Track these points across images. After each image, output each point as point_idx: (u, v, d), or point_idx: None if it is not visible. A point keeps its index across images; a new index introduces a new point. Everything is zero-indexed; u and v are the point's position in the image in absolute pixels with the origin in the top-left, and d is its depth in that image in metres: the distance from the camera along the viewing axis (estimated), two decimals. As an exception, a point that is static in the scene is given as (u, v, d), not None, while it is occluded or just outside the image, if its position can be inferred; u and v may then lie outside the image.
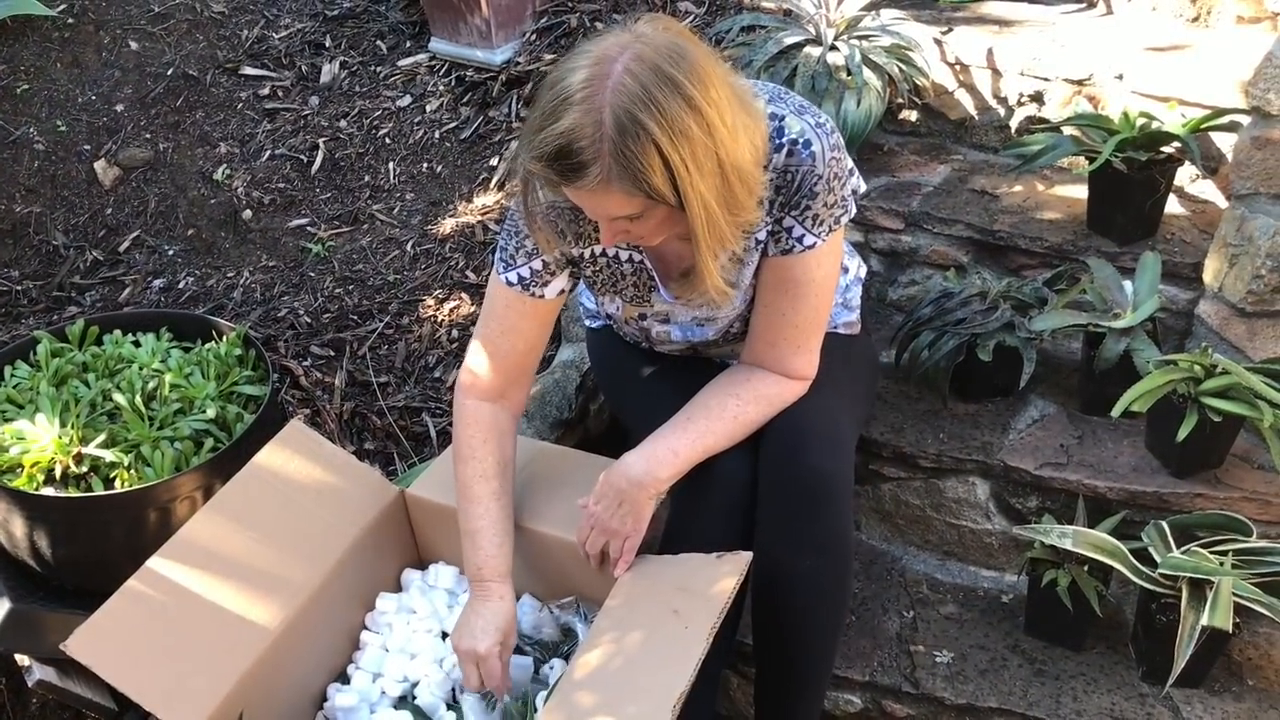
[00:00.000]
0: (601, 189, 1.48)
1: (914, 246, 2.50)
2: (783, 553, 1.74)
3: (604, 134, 1.43)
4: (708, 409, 1.74)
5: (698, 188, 1.48)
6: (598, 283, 1.86)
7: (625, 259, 1.79)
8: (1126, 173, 2.25)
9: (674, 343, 1.94)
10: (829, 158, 1.65)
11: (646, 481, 1.70)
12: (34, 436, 2.01)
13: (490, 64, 3.09)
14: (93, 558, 2.01)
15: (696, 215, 1.50)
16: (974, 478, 2.18)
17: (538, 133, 1.47)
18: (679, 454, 1.72)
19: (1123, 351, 2.10)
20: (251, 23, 3.43)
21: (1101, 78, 2.52)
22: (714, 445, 1.74)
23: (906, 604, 2.18)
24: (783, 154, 1.65)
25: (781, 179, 1.66)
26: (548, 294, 1.80)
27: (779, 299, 1.74)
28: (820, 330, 1.78)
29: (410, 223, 2.89)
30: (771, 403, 1.76)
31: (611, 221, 1.56)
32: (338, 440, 2.42)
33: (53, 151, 3.16)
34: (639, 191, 1.47)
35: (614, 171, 1.45)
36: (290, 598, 1.74)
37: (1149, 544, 1.95)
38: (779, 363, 1.77)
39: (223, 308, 2.78)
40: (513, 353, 1.83)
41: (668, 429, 1.74)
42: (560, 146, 1.45)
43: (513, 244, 1.78)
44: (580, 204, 1.56)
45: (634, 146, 1.43)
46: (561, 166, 1.47)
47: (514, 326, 1.82)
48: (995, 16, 2.81)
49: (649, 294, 1.84)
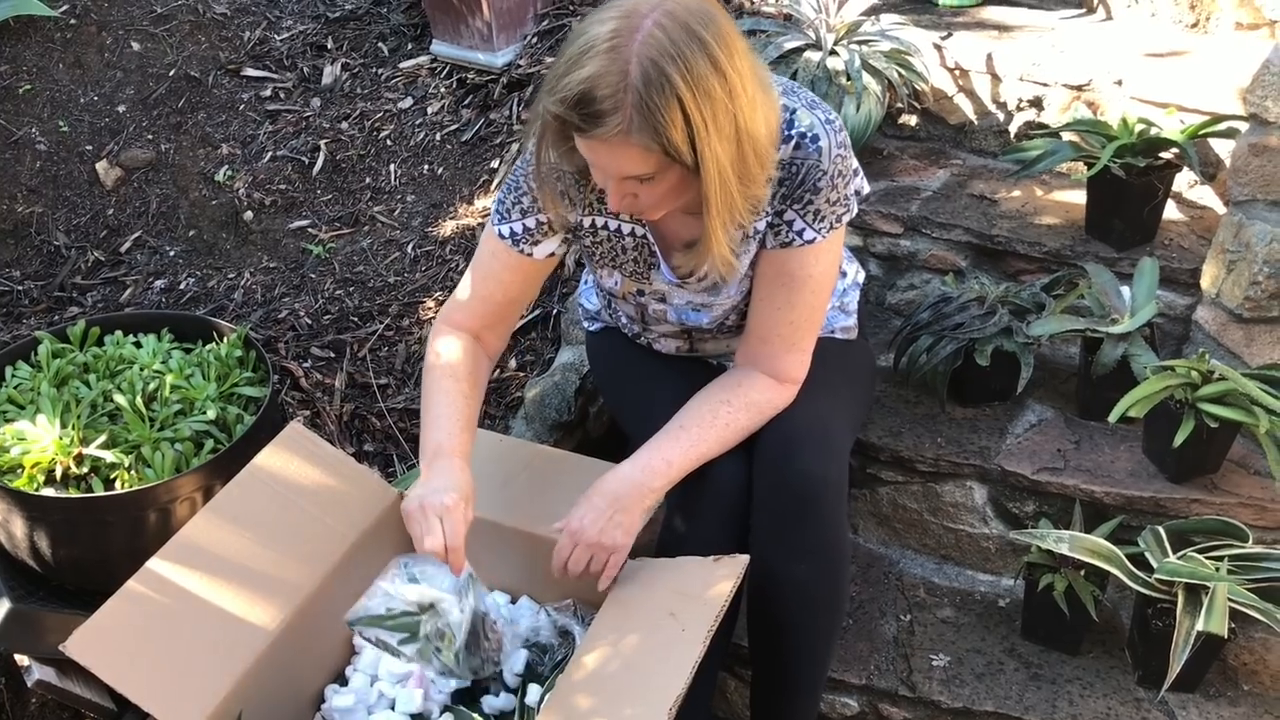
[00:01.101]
0: (619, 141, 1.48)
1: (913, 251, 2.51)
2: (776, 558, 1.75)
3: (629, 83, 1.44)
4: (700, 417, 1.74)
5: (715, 149, 1.48)
6: (597, 254, 1.85)
7: (628, 232, 1.80)
8: (1125, 178, 2.26)
9: (669, 324, 1.93)
10: (835, 154, 1.66)
11: (641, 492, 1.70)
12: (35, 437, 2.01)
13: (491, 66, 3.10)
14: (93, 558, 2.02)
15: (711, 178, 1.51)
16: (971, 482, 2.19)
17: (562, 77, 1.48)
18: (672, 464, 1.72)
19: (1120, 357, 2.10)
20: (253, 24, 3.44)
21: (1100, 83, 2.53)
22: (706, 454, 1.74)
23: (904, 607, 2.19)
24: (790, 146, 1.65)
25: (786, 171, 1.67)
26: (536, 253, 1.81)
27: (775, 292, 1.75)
28: (815, 330, 1.79)
29: (411, 224, 2.90)
30: (762, 410, 1.77)
31: (621, 183, 1.56)
32: (337, 442, 2.43)
33: (55, 152, 3.17)
34: (656, 146, 1.47)
35: (635, 123, 1.45)
36: (289, 599, 1.74)
37: (1145, 549, 1.96)
38: (772, 361, 1.77)
39: (223, 309, 2.79)
40: (491, 299, 1.85)
41: (661, 438, 1.74)
42: (583, 92, 1.45)
43: (510, 198, 1.79)
44: (593, 159, 1.55)
45: (658, 99, 1.44)
46: (583, 113, 1.46)
47: (496, 276, 1.84)
48: (995, 22, 2.82)
49: (649, 270, 1.84)
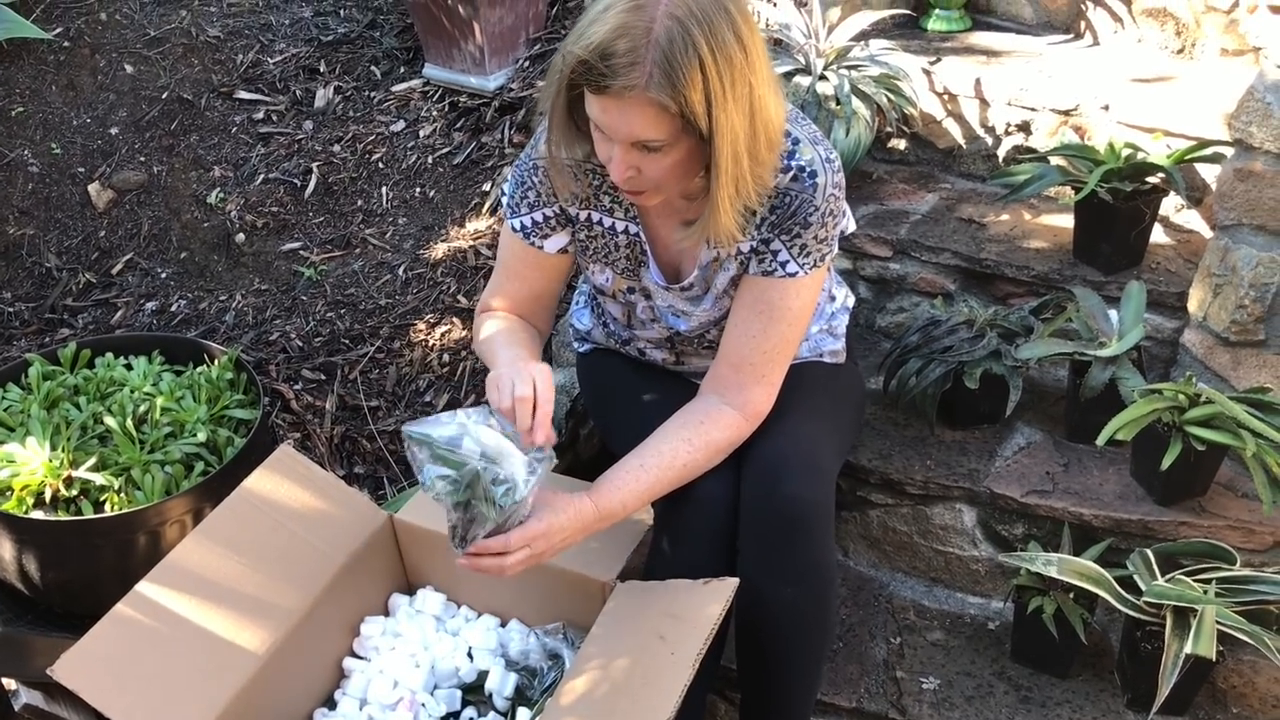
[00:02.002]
0: (636, 98, 1.48)
1: (902, 274, 2.52)
2: (763, 581, 1.74)
3: (653, 40, 1.45)
4: (660, 456, 1.72)
5: (731, 117, 1.50)
6: (591, 249, 1.87)
7: (621, 229, 1.81)
8: (1112, 203, 2.27)
9: (655, 330, 1.94)
10: (830, 193, 1.68)
11: (592, 529, 1.68)
12: (24, 459, 2.01)
13: (484, 90, 3.12)
14: (81, 581, 2.01)
15: (724, 145, 1.52)
16: (961, 504, 2.19)
17: (586, 28, 1.49)
18: (627, 506, 1.70)
19: (1108, 380, 2.11)
20: (246, 47, 3.45)
21: (1088, 108, 2.55)
22: (660, 494, 1.73)
23: (893, 630, 2.19)
24: (788, 176, 1.67)
25: (780, 200, 1.68)
26: (547, 247, 1.84)
27: (752, 319, 1.75)
28: (785, 364, 1.79)
29: (402, 247, 2.91)
30: (721, 450, 1.76)
31: (627, 151, 1.56)
32: (327, 464, 2.43)
33: (47, 174, 3.18)
34: (674, 105, 1.47)
35: (654, 78, 1.46)
36: (278, 623, 1.74)
37: (1134, 572, 1.96)
38: (740, 391, 1.76)
39: (215, 331, 2.80)
40: (518, 294, 1.90)
41: (623, 474, 1.71)
42: (607, 42, 1.46)
43: (517, 193, 1.82)
44: (604, 121, 1.54)
45: (680, 57, 1.45)
46: (604, 65, 1.47)
47: (519, 273, 1.88)
48: (983, 47, 2.84)
49: (638, 268, 1.85)
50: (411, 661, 1.84)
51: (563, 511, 1.64)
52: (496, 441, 1.55)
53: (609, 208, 1.81)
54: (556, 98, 1.61)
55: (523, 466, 1.55)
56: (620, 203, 1.80)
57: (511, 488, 1.54)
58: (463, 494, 1.54)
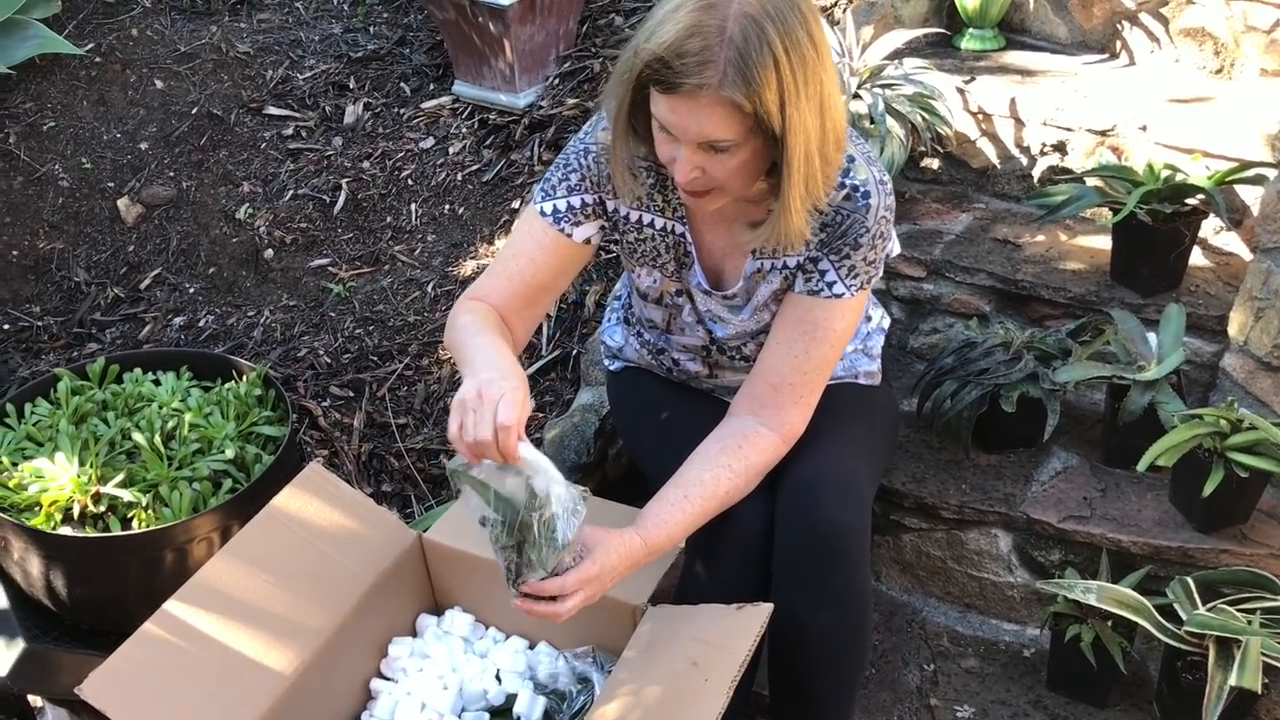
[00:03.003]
0: (709, 98, 1.46)
1: (936, 295, 2.50)
2: (799, 606, 1.72)
3: (727, 38, 1.44)
4: (703, 486, 1.69)
5: (804, 115, 1.49)
6: (638, 251, 1.84)
7: (669, 230, 1.79)
8: (1151, 224, 2.24)
9: (692, 339, 1.92)
10: (881, 215, 1.67)
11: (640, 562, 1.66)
12: (53, 475, 2.00)
13: (513, 108, 3.11)
14: (108, 598, 2.00)
15: (797, 144, 1.50)
16: (996, 529, 2.16)
17: (657, 27, 1.48)
18: (674, 538, 1.68)
19: (1147, 404, 2.08)
20: (276, 63, 3.46)
21: (1125, 129, 2.52)
22: (704, 521, 1.70)
23: (927, 657, 2.15)
24: (841, 195, 1.66)
25: (831, 219, 1.67)
26: (575, 235, 1.79)
27: (795, 338, 1.73)
28: (821, 386, 1.77)
29: (431, 264, 2.90)
30: (760, 474, 1.74)
31: (694, 151, 1.54)
32: (355, 482, 2.41)
33: (77, 188, 3.18)
34: (748, 104, 1.46)
35: (729, 77, 1.45)
36: (306, 643, 1.72)
37: (1174, 600, 1.93)
38: (778, 412, 1.74)
39: (243, 347, 2.79)
40: (519, 276, 1.79)
41: (667, 505, 1.68)
42: (680, 40, 1.45)
43: (558, 174, 1.78)
44: (673, 121, 1.52)
45: (755, 55, 1.44)
46: (678, 64, 1.46)
47: (529, 254, 1.79)
48: (1018, 66, 2.81)
49: (681, 270, 1.83)
50: (440, 683, 1.82)
51: (614, 551, 1.61)
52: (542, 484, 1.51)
53: (660, 207, 1.79)
54: (623, 97, 1.59)
55: (566, 509, 1.51)
56: (669, 202, 1.78)
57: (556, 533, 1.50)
58: (513, 536, 1.52)
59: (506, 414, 1.46)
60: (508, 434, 1.46)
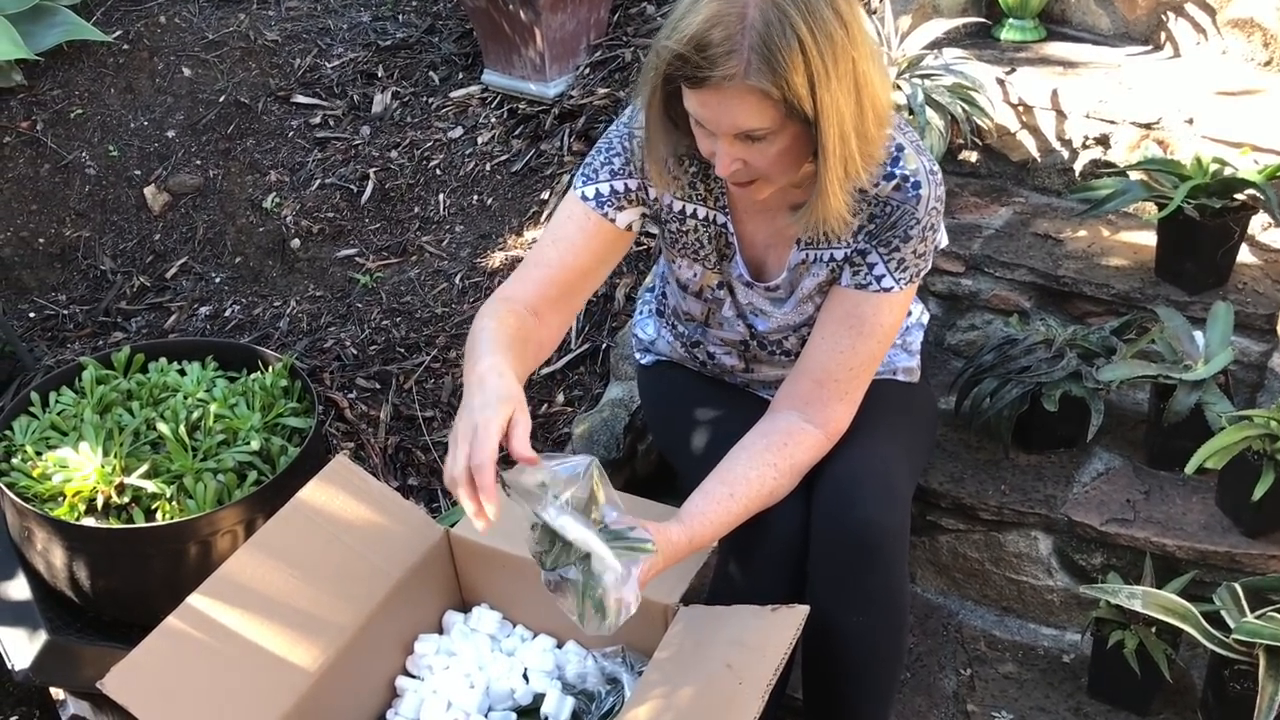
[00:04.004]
0: (736, 88, 1.43)
1: (974, 290, 2.44)
2: (834, 608, 1.67)
3: (748, 24, 1.41)
4: (748, 484, 1.64)
5: (835, 96, 1.44)
6: (680, 243, 1.79)
7: (711, 220, 1.75)
8: (1199, 220, 2.18)
9: (731, 333, 1.87)
10: (932, 206, 1.62)
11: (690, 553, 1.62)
12: (77, 465, 1.98)
13: (543, 97, 3.07)
14: (131, 590, 1.98)
15: (830, 126, 1.45)
16: (1036, 532, 2.11)
17: (678, 21, 1.45)
18: (717, 536, 1.65)
19: (1194, 405, 2.02)
20: (304, 51, 3.43)
21: (1170, 122, 2.45)
22: (747, 517, 1.66)
23: (963, 661, 2.10)
24: (890, 185, 1.61)
25: (880, 210, 1.62)
26: (619, 220, 1.73)
27: (842, 333, 1.69)
28: (867, 382, 1.73)
29: (459, 255, 2.86)
30: (803, 472, 1.70)
31: (731, 143, 1.50)
32: (381, 475, 2.38)
33: (103, 176, 3.16)
34: (776, 91, 1.42)
35: (753, 65, 1.41)
36: (331, 640, 1.69)
37: (1221, 607, 1.86)
38: (822, 408, 1.69)
39: (268, 337, 2.76)
40: (559, 262, 1.71)
41: (710, 501, 1.63)
42: (701, 33, 1.42)
43: (600, 158, 1.73)
44: (704, 115, 1.49)
45: (778, 39, 1.40)
46: (700, 57, 1.42)
47: (569, 239, 1.72)
48: (1059, 58, 2.75)
49: (722, 262, 1.79)
50: (466, 682, 1.79)
51: (659, 552, 1.56)
52: (597, 547, 1.46)
53: (702, 196, 1.75)
54: (652, 96, 1.56)
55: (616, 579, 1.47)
56: (711, 191, 1.74)
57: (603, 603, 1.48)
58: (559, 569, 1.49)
59: (479, 454, 1.39)
60: (480, 473, 1.39)
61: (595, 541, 1.45)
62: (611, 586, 1.47)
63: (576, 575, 1.48)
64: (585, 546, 1.45)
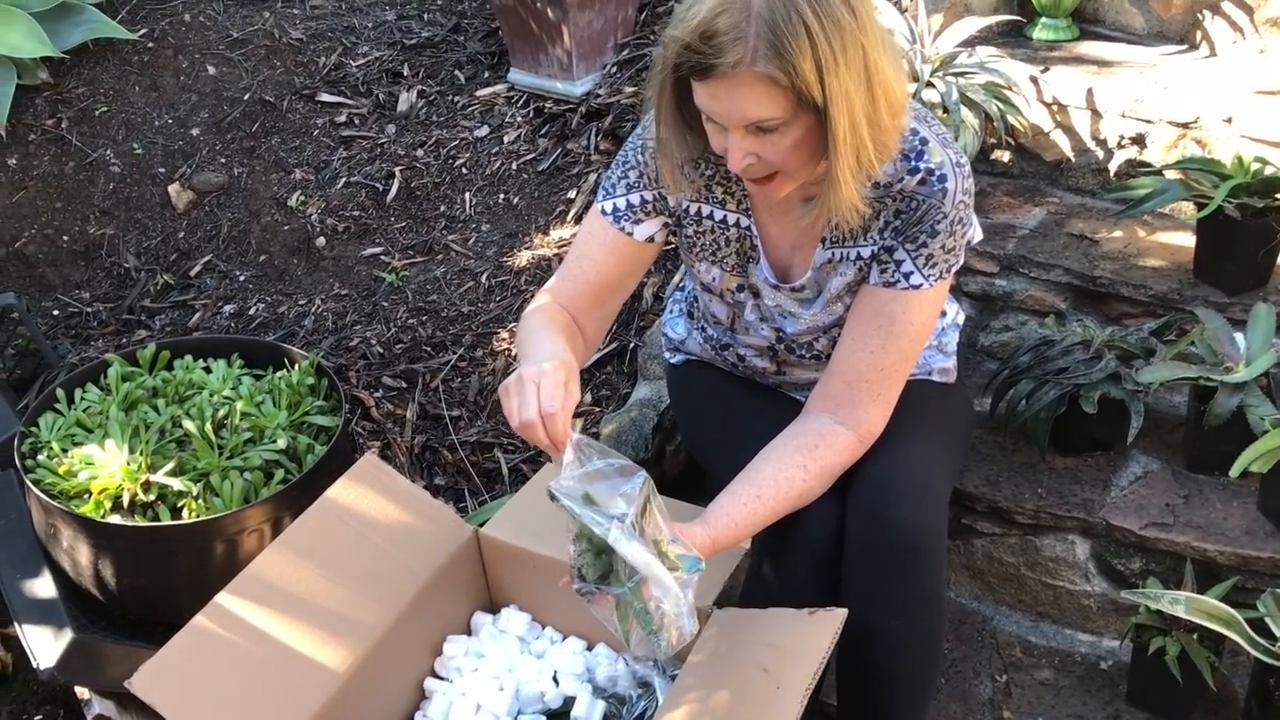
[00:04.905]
0: (745, 77, 1.42)
1: (1009, 291, 2.40)
2: (870, 611, 1.64)
3: (754, 12, 1.40)
4: (776, 485, 1.62)
5: (845, 83, 1.42)
6: (698, 246, 1.78)
7: (733, 222, 1.74)
8: (1240, 220, 2.14)
9: (759, 337, 1.85)
10: (959, 199, 1.59)
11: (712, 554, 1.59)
12: (103, 462, 1.96)
13: (570, 96, 3.05)
14: (157, 589, 1.96)
15: (840, 113, 1.44)
16: (1074, 536, 2.07)
17: (685, 12, 1.45)
18: (741, 538, 1.63)
19: (1235, 407, 1.98)
20: (329, 50, 3.42)
21: (1208, 121, 2.41)
22: (774, 520, 1.64)
23: (999, 667, 2.07)
24: (915, 179, 1.58)
25: (906, 205, 1.60)
26: (637, 234, 1.75)
27: (871, 333, 1.66)
28: (901, 382, 1.70)
29: (485, 254, 2.84)
30: (835, 474, 1.68)
31: (743, 137, 1.49)
32: (408, 474, 2.36)
33: (128, 174, 3.15)
34: (784, 77, 1.41)
35: (760, 52, 1.40)
36: (360, 640, 1.67)
37: (1265, 614, 1.83)
38: (854, 410, 1.67)
39: (294, 335, 2.74)
40: (583, 279, 1.77)
41: (737, 502, 1.61)
42: (707, 21, 1.41)
43: (617, 172, 1.75)
44: (714, 108, 1.48)
45: (784, 26, 1.39)
46: (707, 46, 1.41)
47: (590, 255, 1.77)
48: (1093, 57, 2.71)
49: (747, 264, 1.77)
50: (495, 684, 1.76)
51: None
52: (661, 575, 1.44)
53: (721, 199, 1.73)
54: (663, 90, 1.55)
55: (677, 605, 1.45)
56: (733, 194, 1.72)
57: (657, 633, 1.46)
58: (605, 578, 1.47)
59: (549, 401, 1.46)
60: (552, 420, 1.46)
61: (659, 569, 1.43)
62: (672, 613, 1.45)
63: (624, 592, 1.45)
64: (647, 572, 1.43)
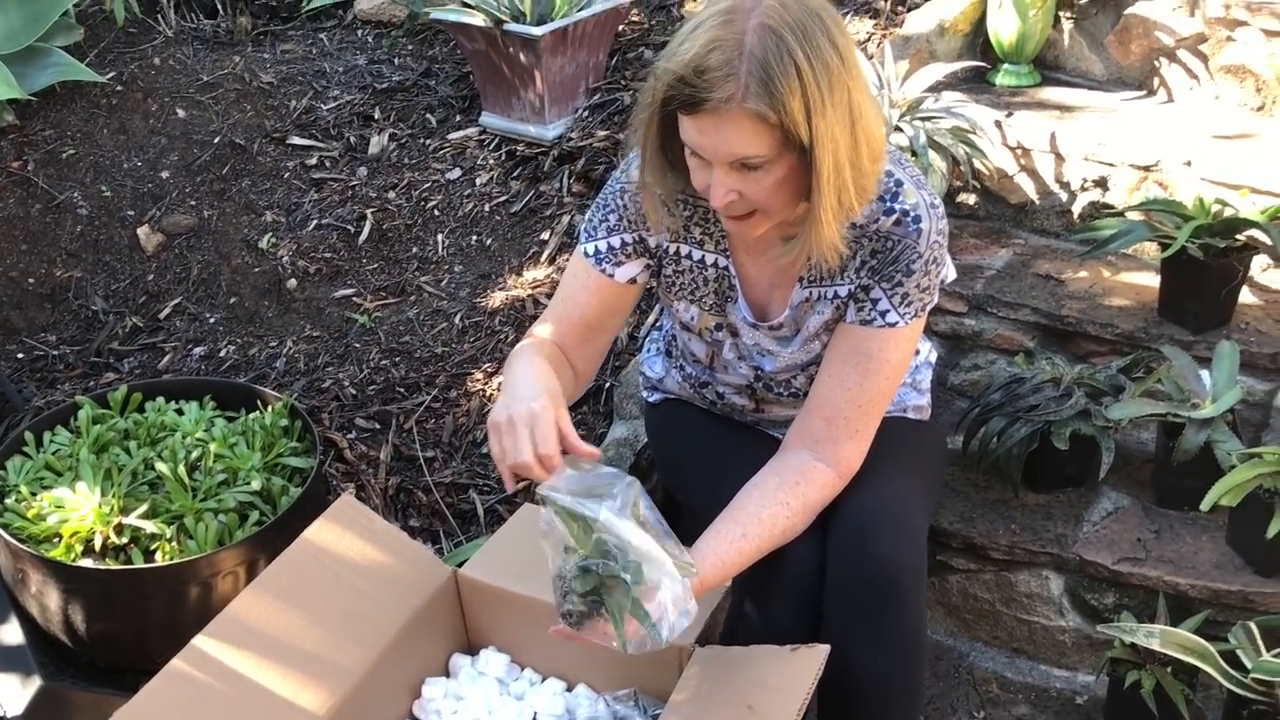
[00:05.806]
0: (734, 114, 1.43)
1: (978, 330, 2.44)
2: (853, 647, 1.65)
3: (747, 50, 1.42)
4: (760, 523, 1.63)
5: (831, 125, 1.45)
6: (676, 285, 1.80)
7: (711, 263, 1.75)
8: (1203, 259, 2.19)
9: (737, 376, 1.86)
10: (934, 240, 1.62)
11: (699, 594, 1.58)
12: (74, 505, 1.94)
13: (543, 139, 3.07)
14: (129, 634, 1.93)
15: (825, 154, 1.46)
16: (1048, 571, 2.09)
17: (678, 47, 1.47)
18: (727, 578, 1.64)
19: (1203, 443, 2.02)
20: (300, 93, 3.42)
21: (1169, 164, 2.48)
22: (758, 558, 1.65)
23: (976, 703, 2.08)
24: (890, 220, 1.61)
25: (881, 245, 1.62)
26: (618, 275, 1.77)
27: (848, 370, 1.68)
28: (878, 419, 1.72)
29: (459, 295, 2.84)
30: (816, 511, 1.69)
31: (727, 173, 1.50)
32: (383, 516, 2.34)
33: (96, 216, 3.14)
34: (773, 115, 1.42)
35: (751, 89, 1.42)
36: (339, 682, 1.65)
37: (1237, 646, 1.85)
38: (833, 447, 1.68)
39: (265, 377, 2.73)
40: (568, 320, 1.79)
41: (722, 542, 1.61)
42: (700, 57, 1.43)
43: (598, 215, 1.77)
44: (701, 143, 1.49)
45: (776, 65, 1.41)
46: (699, 80, 1.43)
47: (574, 297, 1.79)
48: (1055, 102, 2.78)
49: (725, 304, 1.78)
50: (474, 726, 1.75)
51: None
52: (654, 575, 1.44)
53: (699, 240, 1.75)
54: (649, 123, 1.57)
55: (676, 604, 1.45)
56: (710, 234, 1.74)
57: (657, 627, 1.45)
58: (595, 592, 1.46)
59: (544, 444, 1.48)
60: (550, 461, 1.49)
61: (653, 545, 1.44)
62: (670, 597, 1.45)
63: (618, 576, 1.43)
64: (642, 547, 1.43)
